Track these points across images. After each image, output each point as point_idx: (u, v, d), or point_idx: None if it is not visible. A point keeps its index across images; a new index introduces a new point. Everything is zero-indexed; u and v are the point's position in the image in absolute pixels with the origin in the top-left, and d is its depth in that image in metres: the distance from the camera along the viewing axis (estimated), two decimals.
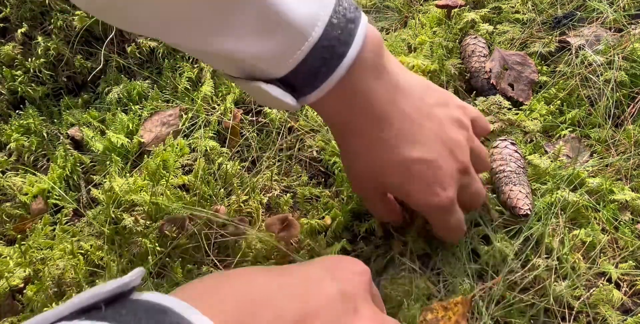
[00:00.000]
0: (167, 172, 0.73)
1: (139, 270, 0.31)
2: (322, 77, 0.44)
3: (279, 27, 0.41)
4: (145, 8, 0.41)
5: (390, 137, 0.49)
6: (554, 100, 0.80)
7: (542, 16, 0.92)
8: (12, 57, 0.87)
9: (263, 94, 0.46)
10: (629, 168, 0.72)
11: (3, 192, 0.75)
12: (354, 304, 0.36)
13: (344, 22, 0.44)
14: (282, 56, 0.43)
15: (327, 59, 0.44)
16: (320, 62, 0.44)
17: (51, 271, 0.64)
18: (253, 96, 0.54)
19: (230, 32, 0.42)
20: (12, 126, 0.82)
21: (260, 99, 0.53)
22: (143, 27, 0.45)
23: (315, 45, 0.43)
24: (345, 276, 0.38)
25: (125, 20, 0.45)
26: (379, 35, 0.47)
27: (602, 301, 0.60)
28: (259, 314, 0.32)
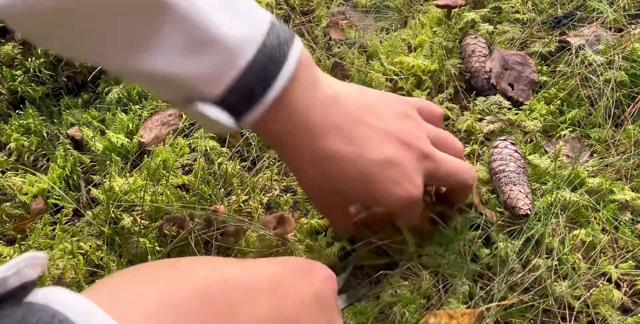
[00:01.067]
0: (167, 172, 0.73)
1: (25, 258, 0.23)
2: (257, 96, 0.44)
3: (209, 47, 0.42)
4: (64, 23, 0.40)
5: (338, 148, 0.48)
6: (554, 100, 0.80)
7: (542, 16, 0.92)
8: (12, 57, 0.87)
9: (201, 116, 0.45)
10: (629, 168, 0.72)
11: (3, 192, 0.75)
12: (329, 315, 0.34)
13: (277, 43, 0.45)
14: (215, 76, 0.43)
15: (261, 80, 0.44)
16: (254, 82, 0.44)
17: (51, 271, 0.64)
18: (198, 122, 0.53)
19: (155, 50, 0.41)
20: (12, 125, 0.82)
21: (202, 123, 0.51)
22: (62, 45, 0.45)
23: (249, 65, 0.43)
24: (318, 282, 0.35)
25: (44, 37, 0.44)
26: (308, 54, 0.49)
27: (602, 301, 0.60)
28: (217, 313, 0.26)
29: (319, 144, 0.48)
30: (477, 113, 0.79)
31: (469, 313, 0.56)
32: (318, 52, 0.88)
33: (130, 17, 0.40)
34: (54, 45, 0.47)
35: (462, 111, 0.81)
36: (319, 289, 0.34)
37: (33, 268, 0.23)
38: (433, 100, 0.81)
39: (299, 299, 0.32)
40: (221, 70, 0.43)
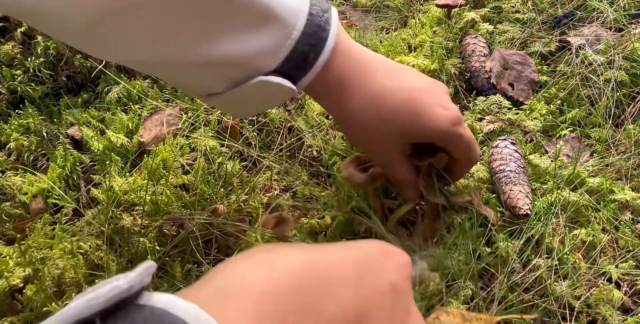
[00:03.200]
0: (167, 172, 0.73)
1: (146, 267, 0.25)
2: (311, 62, 0.50)
3: (270, 21, 0.46)
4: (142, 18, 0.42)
5: (383, 83, 0.54)
6: (554, 99, 0.80)
7: (543, 16, 0.92)
8: (11, 57, 0.86)
9: (260, 91, 0.49)
10: (629, 168, 0.72)
11: (3, 192, 0.75)
12: (406, 302, 0.34)
13: (320, 11, 0.50)
14: (275, 48, 0.47)
15: (313, 45, 0.49)
16: (308, 48, 0.49)
17: (51, 271, 0.64)
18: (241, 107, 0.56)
19: (226, 34, 0.45)
20: (11, 125, 0.82)
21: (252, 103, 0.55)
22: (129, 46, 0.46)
23: (302, 35, 0.48)
24: (394, 268, 0.34)
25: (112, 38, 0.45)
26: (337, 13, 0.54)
27: (603, 301, 0.60)
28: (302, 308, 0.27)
29: (369, 81, 0.54)
30: (477, 113, 0.79)
31: (485, 319, 0.55)
32: None
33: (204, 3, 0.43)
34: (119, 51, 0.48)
35: (462, 111, 0.81)
36: (394, 276, 0.34)
37: (148, 276, 0.25)
38: None
39: (378, 288, 0.32)
40: (279, 44, 0.47)
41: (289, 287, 0.28)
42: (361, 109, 0.55)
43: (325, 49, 0.50)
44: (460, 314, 0.55)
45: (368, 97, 0.54)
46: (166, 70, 0.52)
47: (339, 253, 0.34)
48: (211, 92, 0.52)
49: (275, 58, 0.48)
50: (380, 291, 0.32)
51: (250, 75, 0.48)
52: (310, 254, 0.32)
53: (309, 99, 0.81)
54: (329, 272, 0.30)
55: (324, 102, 0.58)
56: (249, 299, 0.27)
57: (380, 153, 0.59)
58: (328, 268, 0.31)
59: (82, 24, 0.43)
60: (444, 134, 0.55)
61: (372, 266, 0.33)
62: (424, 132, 0.55)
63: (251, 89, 0.49)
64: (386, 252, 0.36)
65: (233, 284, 0.28)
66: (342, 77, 0.53)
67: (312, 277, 0.29)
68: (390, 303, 0.32)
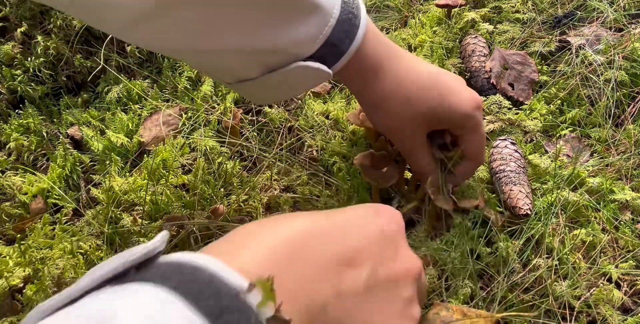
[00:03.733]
0: (167, 172, 0.73)
1: (163, 235, 0.30)
2: (345, 47, 0.52)
3: (315, 10, 0.49)
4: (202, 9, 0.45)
5: (413, 65, 0.57)
6: (554, 99, 0.80)
7: (543, 16, 0.92)
8: (11, 57, 0.86)
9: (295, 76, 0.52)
10: (629, 168, 0.72)
11: (2, 192, 0.75)
12: (395, 243, 0.39)
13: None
14: (315, 35, 0.50)
15: (347, 31, 0.52)
16: (343, 34, 0.52)
17: (51, 271, 0.64)
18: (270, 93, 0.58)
19: (280, 23, 0.48)
20: (11, 125, 0.82)
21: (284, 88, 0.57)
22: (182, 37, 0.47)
23: (337, 22, 0.51)
24: (385, 219, 0.39)
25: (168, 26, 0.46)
26: None
27: (603, 301, 0.60)
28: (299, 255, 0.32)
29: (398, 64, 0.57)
30: None
31: (485, 316, 0.55)
32: None
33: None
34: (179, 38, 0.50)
35: None
36: (385, 225, 0.38)
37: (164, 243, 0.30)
38: None
39: (365, 234, 0.37)
40: (319, 31, 0.50)
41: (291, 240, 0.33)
42: (391, 92, 0.57)
43: (358, 34, 0.52)
44: (460, 310, 0.55)
45: (398, 79, 0.57)
46: (202, 57, 0.52)
47: (339, 213, 0.39)
48: (244, 78, 0.54)
49: (314, 44, 0.51)
50: (369, 236, 0.37)
51: (288, 61, 0.51)
52: (313, 216, 0.37)
53: (309, 99, 0.81)
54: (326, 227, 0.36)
55: (353, 86, 0.60)
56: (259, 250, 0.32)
57: (405, 139, 0.61)
58: (325, 224, 0.36)
59: (139, 14, 0.44)
60: (468, 117, 0.58)
61: (365, 219, 0.38)
62: (450, 114, 0.57)
63: (287, 74, 0.51)
64: (378, 209, 0.40)
65: (246, 240, 0.33)
66: (373, 61, 0.56)
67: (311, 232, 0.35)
68: (380, 245, 0.37)
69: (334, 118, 0.78)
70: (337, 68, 0.54)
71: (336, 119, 0.78)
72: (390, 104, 0.58)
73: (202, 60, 0.53)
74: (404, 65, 0.57)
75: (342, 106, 0.79)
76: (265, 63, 0.51)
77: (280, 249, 0.32)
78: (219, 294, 0.27)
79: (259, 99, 0.68)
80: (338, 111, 0.78)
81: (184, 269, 0.28)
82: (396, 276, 0.37)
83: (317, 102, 0.81)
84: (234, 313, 0.27)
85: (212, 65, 0.54)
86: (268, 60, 0.51)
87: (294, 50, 0.50)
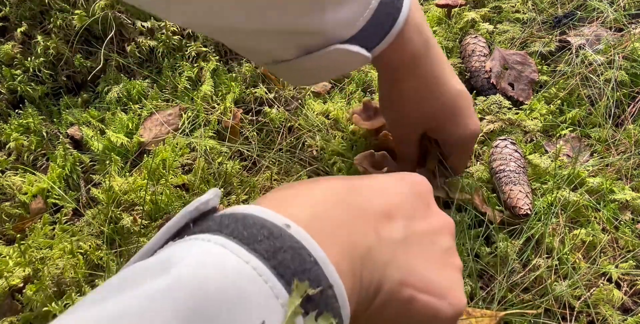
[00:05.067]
0: (167, 172, 0.73)
1: (215, 190, 0.33)
2: (386, 29, 0.51)
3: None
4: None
5: (442, 68, 0.57)
6: (554, 99, 0.80)
7: (543, 15, 0.92)
8: (11, 56, 0.86)
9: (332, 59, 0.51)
10: (629, 168, 0.72)
11: (3, 192, 0.75)
12: (425, 201, 0.41)
13: None
14: (356, 18, 0.49)
15: (390, 14, 0.51)
16: (385, 17, 0.51)
17: (50, 271, 0.64)
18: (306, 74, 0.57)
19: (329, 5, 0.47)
20: (11, 125, 0.82)
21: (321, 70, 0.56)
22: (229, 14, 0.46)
23: (380, 3, 0.50)
24: (413, 182, 0.42)
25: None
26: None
27: (603, 301, 0.59)
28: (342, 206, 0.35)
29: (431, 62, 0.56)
30: (477, 113, 0.79)
31: (490, 314, 0.55)
32: None
33: None
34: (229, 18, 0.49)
35: None
36: (414, 186, 0.41)
37: (217, 197, 0.33)
38: None
39: (398, 191, 0.40)
40: (360, 13, 0.49)
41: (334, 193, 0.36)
42: (416, 88, 0.57)
43: (399, 20, 0.51)
44: (465, 310, 0.55)
45: (427, 77, 0.57)
46: (239, 37, 0.52)
47: (370, 177, 0.41)
48: (280, 59, 0.53)
49: (354, 27, 0.49)
50: (401, 193, 0.40)
51: (326, 43, 0.50)
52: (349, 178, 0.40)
53: (309, 99, 0.81)
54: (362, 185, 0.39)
55: (384, 74, 0.59)
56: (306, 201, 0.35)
57: (403, 133, 0.63)
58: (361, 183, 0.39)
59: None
60: (464, 141, 0.61)
61: (396, 181, 0.41)
62: (453, 132, 0.60)
63: (325, 56, 0.50)
64: (405, 174, 0.43)
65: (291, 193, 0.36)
66: (409, 50, 0.55)
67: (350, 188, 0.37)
68: (413, 203, 0.40)
69: (334, 118, 0.78)
70: (376, 52, 0.53)
71: (336, 119, 0.78)
72: (406, 103, 0.59)
73: (239, 40, 0.52)
74: (436, 66, 0.57)
75: (342, 106, 0.79)
76: (303, 45, 0.50)
77: (325, 198, 0.35)
78: (270, 237, 0.29)
79: (295, 81, 0.68)
80: (338, 111, 0.78)
81: (238, 218, 0.30)
82: (433, 228, 0.40)
83: (317, 102, 0.81)
84: (287, 252, 0.29)
85: (249, 45, 0.54)
86: (306, 42, 0.50)
87: (333, 32, 0.49)
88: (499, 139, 0.73)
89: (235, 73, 0.86)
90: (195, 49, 0.87)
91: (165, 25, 0.87)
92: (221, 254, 0.27)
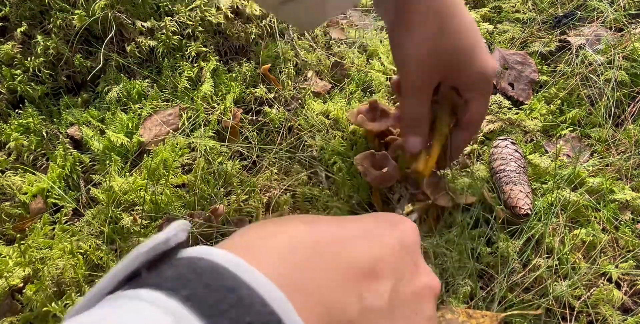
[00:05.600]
0: (167, 172, 0.73)
1: (179, 224, 0.27)
2: None
3: None
4: None
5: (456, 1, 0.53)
6: (554, 99, 0.80)
7: (543, 15, 0.92)
8: (11, 56, 0.86)
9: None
10: (630, 168, 0.72)
11: (2, 192, 0.75)
12: (413, 257, 0.36)
13: None
14: None
15: None
16: None
17: (50, 271, 0.64)
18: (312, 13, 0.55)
19: None
20: (11, 125, 0.82)
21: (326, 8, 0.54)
22: None
23: None
24: (401, 231, 0.37)
25: None
26: None
27: (603, 301, 0.59)
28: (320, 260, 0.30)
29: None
30: None
31: (490, 315, 0.55)
32: (318, 51, 0.88)
33: None
34: None
35: None
36: (402, 237, 0.36)
37: (183, 232, 0.27)
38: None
39: (386, 243, 0.34)
40: None
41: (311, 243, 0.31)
42: (430, 14, 0.52)
43: None
44: (465, 312, 0.55)
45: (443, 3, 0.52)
46: None
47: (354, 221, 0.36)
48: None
49: None
50: (390, 246, 0.34)
51: None
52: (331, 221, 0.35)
53: (309, 99, 0.81)
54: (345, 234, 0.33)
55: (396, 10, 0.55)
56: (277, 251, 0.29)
57: (416, 77, 0.56)
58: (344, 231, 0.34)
59: None
60: (487, 80, 0.56)
61: (383, 229, 0.36)
62: (472, 69, 0.55)
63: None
64: (395, 220, 0.38)
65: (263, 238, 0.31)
66: None
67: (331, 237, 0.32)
68: (400, 258, 0.34)
69: (334, 118, 0.78)
70: None
71: (336, 119, 0.78)
72: (422, 29, 0.53)
73: None
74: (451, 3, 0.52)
75: (342, 106, 0.79)
76: None
77: (300, 250, 0.30)
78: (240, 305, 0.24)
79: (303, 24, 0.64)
80: (338, 111, 0.78)
81: (200, 270, 0.25)
82: (419, 291, 0.35)
83: (317, 102, 0.81)
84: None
85: None
86: None
87: None
88: (499, 139, 0.73)
89: (235, 73, 0.86)
90: (195, 49, 0.87)
91: (165, 25, 0.87)
92: None
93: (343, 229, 0.34)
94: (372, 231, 0.35)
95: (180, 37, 0.88)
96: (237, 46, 0.90)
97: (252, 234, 0.31)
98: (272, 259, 0.28)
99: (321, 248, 0.31)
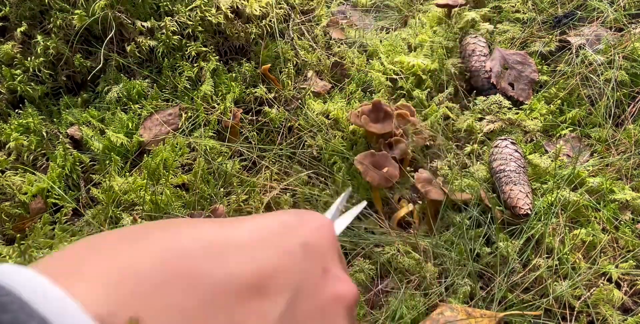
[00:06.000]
0: (167, 172, 0.73)
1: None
2: None
3: None
4: None
5: None
6: (554, 99, 0.80)
7: (543, 15, 0.92)
8: (11, 56, 0.86)
9: None
10: (630, 168, 0.72)
11: (2, 192, 0.75)
12: (322, 262, 0.30)
13: None
14: None
15: None
16: None
17: None
18: None
19: None
20: (11, 125, 0.82)
21: None
22: None
23: None
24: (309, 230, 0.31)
25: None
26: None
27: (603, 301, 0.59)
28: (178, 281, 0.24)
29: None
30: (477, 112, 0.79)
31: (489, 315, 0.55)
32: (318, 51, 0.88)
33: None
34: None
35: (462, 111, 0.81)
36: (308, 238, 0.30)
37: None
38: (433, 99, 0.81)
39: (284, 250, 0.29)
40: None
41: (166, 258, 0.25)
42: None
43: None
44: (464, 310, 0.55)
45: None
46: None
47: (248, 221, 0.30)
48: None
49: None
50: (288, 252, 0.29)
51: None
52: (207, 225, 0.29)
53: (309, 99, 0.81)
54: (224, 241, 0.28)
55: None
56: (107, 274, 0.23)
57: None
58: (224, 236, 0.28)
59: None
60: None
61: (284, 230, 0.30)
62: None
63: None
64: (303, 217, 0.32)
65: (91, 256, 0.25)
66: None
67: (200, 248, 0.26)
68: (303, 265, 0.29)
69: (334, 118, 0.78)
70: None
71: (336, 119, 0.78)
72: None
73: None
74: None
75: (342, 106, 0.79)
76: None
77: (146, 271, 0.24)
78: None
79: None
80: (338, 111, 0.78)
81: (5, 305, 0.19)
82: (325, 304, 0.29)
83: (317, 102, 0.81)
84: None
85: None
86: None
87: None
88: (499, 139, 0.73)
89: (235, 73, 0.86)
90: (195, 49, 0.87)
91: (165, 25, 0.87)
92: None
93: (224, 233, 0.28)
94: (269, 232, 0.30)
95: (180, 37, 0.88)
96: (237, 46, 0.90)
97: (76, 249, 0.25)
98: (95, 288, 0.22)
99: (184, 261, 0.25)
